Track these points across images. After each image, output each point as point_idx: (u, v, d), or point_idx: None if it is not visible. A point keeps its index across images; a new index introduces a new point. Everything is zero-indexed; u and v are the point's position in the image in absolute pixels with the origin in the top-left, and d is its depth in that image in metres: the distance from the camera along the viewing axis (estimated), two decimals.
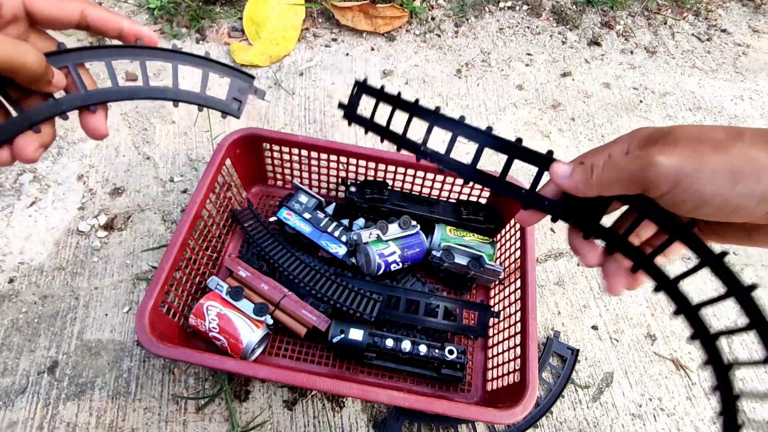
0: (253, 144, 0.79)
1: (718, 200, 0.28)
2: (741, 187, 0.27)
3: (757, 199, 0.28)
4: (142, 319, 0.58)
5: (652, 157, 0.29)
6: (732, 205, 0.28)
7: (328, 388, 0.56)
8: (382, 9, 1.15)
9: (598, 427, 0.71)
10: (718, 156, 0.28)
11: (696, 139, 0.29)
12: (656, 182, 0.29)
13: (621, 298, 0.83)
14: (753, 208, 0.28)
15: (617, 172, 0.31)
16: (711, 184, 0.28)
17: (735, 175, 0.27)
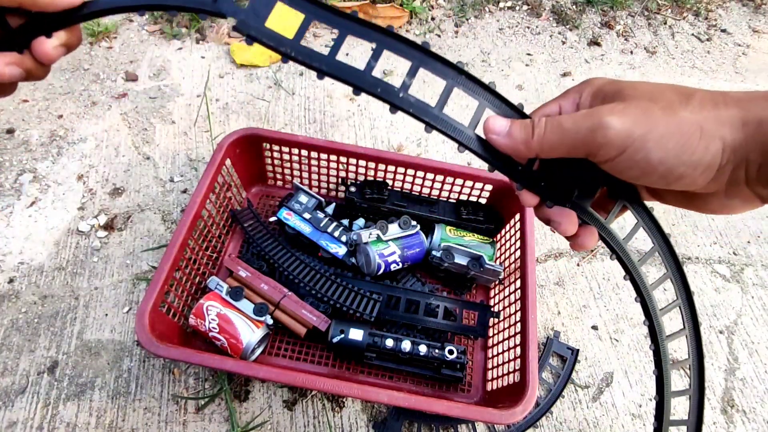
0: (253, 144, 0.79)
1: (662, 168, 0.27)
2: (687, 156, 0.26)
3: (702, 168, 0.27)
4: (142, 319, 0.58)
5: (602, 119, 0.27)
6: (676, 174, 0.27)
7: (328, 388, 0.56)
8: (382, 9, 1.15)
9: (598, 427, 0.71)
10: (667, 119, 0.27)
11: (648, 98, 0.28)
12: (605, 147, 0.27)
13: (621, 298, 0.83)
14: (696, 177, 0.27)
15: (561, 134, 0.29)
16: (658, 151, 0.27)
17: (683, 143, 0.26)
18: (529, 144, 0.30)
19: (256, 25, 0.30)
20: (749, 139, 0.26)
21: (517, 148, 0.30)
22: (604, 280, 0.85)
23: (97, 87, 1.00)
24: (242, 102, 1.00)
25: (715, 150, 0.26)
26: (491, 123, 0.31)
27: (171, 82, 1.02)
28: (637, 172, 0.28)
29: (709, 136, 0.26)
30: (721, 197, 0.29)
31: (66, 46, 0.32)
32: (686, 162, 0.27)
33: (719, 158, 0.27)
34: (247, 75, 1.05)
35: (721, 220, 0.94)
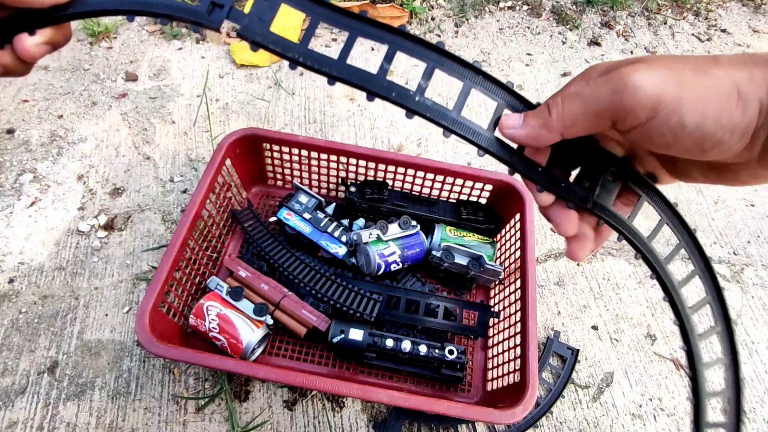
0: (253, 144, 0.79)
1: (698, 134, 0.24)
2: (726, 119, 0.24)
3: (740, 132, 0.24)
4: (142, 319, 0.58)
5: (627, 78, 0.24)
6: (713, 140, 0.24)
7: (328, 388, 0.56)
8: (382, 9, 1.15)
9: (598, 427, 0.71)
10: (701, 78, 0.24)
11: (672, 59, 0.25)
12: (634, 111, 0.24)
13: (621, 298, 0.83)
14: (733, 144, 0.25)
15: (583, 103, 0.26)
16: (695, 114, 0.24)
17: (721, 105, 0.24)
18: (549, 125, 0.27)
19: (261, 31, 0.28)
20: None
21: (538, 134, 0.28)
22: (604, 280, 0.85)
23: (97, 87, 1.00)
24: (242, 102, 1.00)
25: (753, 112, 0.24)
26: (505, 120, 0.30)
27: (171, 82, 1.02)
28: (669, 139, 0.25)
29: (745, 96, 0.24)
30: (753, 166, 0.27)
31: (51, 44, 0.31)
32: (725, 126, 0.24)
33: (756, 120, 0.24)
34: (247, 75, 1.05)
35: (722, 220, 0.94)
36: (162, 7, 0.29)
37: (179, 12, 0.29)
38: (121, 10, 0.30)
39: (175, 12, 0.29)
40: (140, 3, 0.29)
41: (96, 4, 0.30)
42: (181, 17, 0.29)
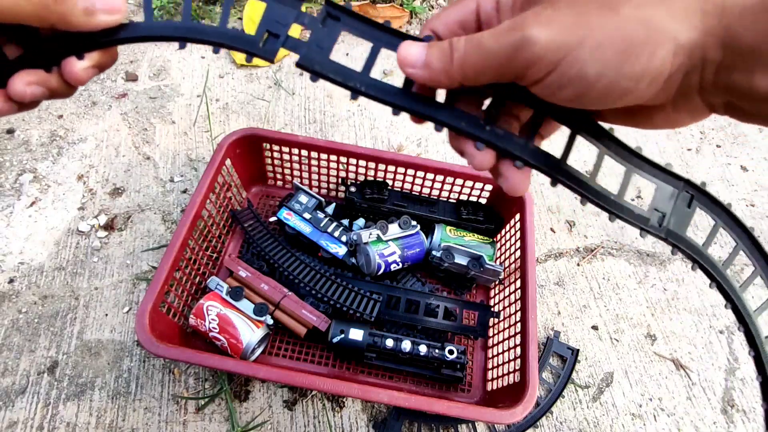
0: (253, 144, 0.79)
1: (601, 85, 0.22)
2: (630, 66, 0.21)
3: (648, 79, 0.22)
4: (142, 319, 0.58)
5: (525, 32, 0.22)
6: (617, 90, 0.22)
7: (328, 388, 0.56)
8: (382, 9, 1.15)
9: (598, 427, 0.71)
10: (605, 19, 0.21)
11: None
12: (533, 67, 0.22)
13: (621, 298, 0.83)
14: (642, 91, 0.23)
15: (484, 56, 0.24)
16: (595, 62, 0.21)
17: (625, 49, 0.21)
18: (449, 72, 0.25)
19: (320, 59, 0.27)
20: (708, 33, 0.21)
21: (437, 78, 0.25)
22: (604, 280, 0.85)
23: (97, 87, 1.00)
24: (242, 102, 1.00)
25: (664, 54, 0.21)
26: (405, 51, 0.26)
27: (171, 82, 1.02)
28: (571, 92, 0.23)
29: (656, 37, 0.21)
30: (667, 110, 0.25)
31: (98, 68, 0.30)
32: (629, 74, 0.22)
33: (669, 65, 0.22)
34: (247, 75, 1.05)
35: None
36: (216, 35, 0.28)
37: (233, 41, 0.28)
38: (174, 37, 0.29)
39: (229, 41, 0.28)
40: (194, 30, 0.29)
41: (148, 29, 0.29)
42: (234, 46, 0.28)
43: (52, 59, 0.29)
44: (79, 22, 0.27)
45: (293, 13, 0.28)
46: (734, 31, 0.21)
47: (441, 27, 0.28)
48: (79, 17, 0.26)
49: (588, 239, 0.89)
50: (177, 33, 0.29)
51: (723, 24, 0.21)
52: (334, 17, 0.28)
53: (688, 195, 0.28)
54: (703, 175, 1.00)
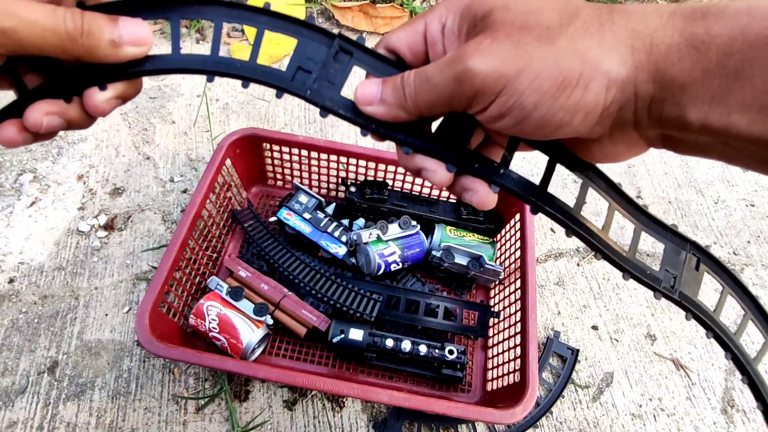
0: (253, 144, 0.79)
1: (537, 115, 0.23)
2: (565, 98, 0.22)
3: (583, 112, 0.22)
4: (142, 319, 0.58)
5: (465, 64, 0.22)
6: (554, 122, 0.23)
7: (328, 388, 0.56)
8: (382, 9, 1.15)
9: (598, 427, 0.71)
10: (542, 50, 0.22)
11: (521, 24, 0.23)
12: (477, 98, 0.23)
13: (621, 298, 0.83)
14: (576, 124, 0.23)
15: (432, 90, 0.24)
16: (533, 93, 0.22)
17: (561, 81, 0.22)
18: (405, 107, 0.26)
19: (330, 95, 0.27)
20: (639, 68, 0.22)
21: (396, 114, 0.26)
22: (604, 280, 0.85)
23: None
24: (242, 102, 1.00)
25: (598, 89, 0.22)
26: (361, 93, 0.27)
27: (171, 82, 1.02)
28: (511, 121, 0.24)
29: (590, 71, 0.22)
30: (605, 144, 0.26)
31: (121, 98, 0.29)
32: (565, 106, 0.22)
33: (602, 99, 0.22)
34: None
35: (722, 220, 0.94)
36: (246, 70, 0.28)
37: (263, 76, 0.28)
38: (203, 70, 0.28)
39: (259, 76, 0.28)
40: (223, 65, 0.28)
41: (176, 61, 0.28)
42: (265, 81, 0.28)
43: (73, 89, 0.28)
44: (106, 54, 0.26)
45: (324, 50, 0.27)
46: (662, 67, 0.22)
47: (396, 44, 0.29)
48: (107, 50, 0.26)
49: None
50: (205, 66, 0.28)
51: (652, 60, 0.22)
52: (347, 52, 0.28)
53: (695, 257, 0.29)
54: (704, 175, 1.00)
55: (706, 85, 0.21)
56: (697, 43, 0.21)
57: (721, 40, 0.20)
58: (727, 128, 0.21)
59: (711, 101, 0.21)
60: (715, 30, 0.21)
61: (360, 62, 0.28)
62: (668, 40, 0.21)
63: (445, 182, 0.28)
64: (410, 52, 0.29)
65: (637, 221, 0.28)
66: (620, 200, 0.28)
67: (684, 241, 0.29)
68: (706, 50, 0.21)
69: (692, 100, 0.21)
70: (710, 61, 0.21)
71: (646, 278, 0.28)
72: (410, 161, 0.28)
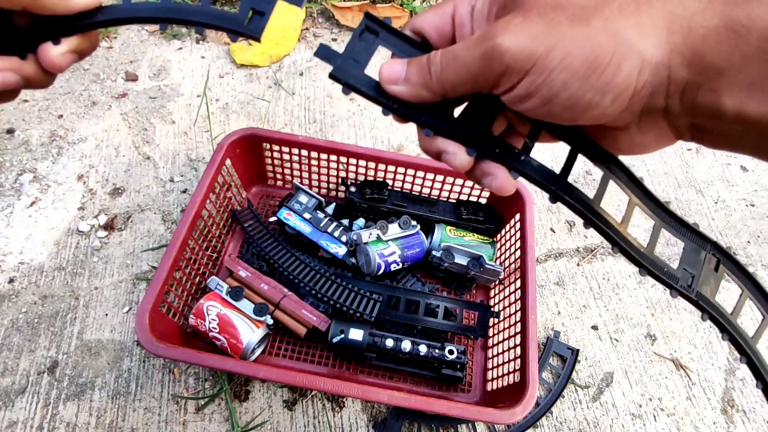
0: (253, 144, 0.79)
1: (566, 95, 0.22)
2: (596, 78, 0.21)
3: (613, 94, 0.22)
4: (142, 319, 0.58)
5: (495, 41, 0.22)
6: (582, 102, 0.22)
7: (328, 388, 0.56)
8: (382, 9, 1.15)
9: (598, 427, 0.71)
10: (575, 30, 0.21)
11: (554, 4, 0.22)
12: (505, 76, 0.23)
13: (621, 298, 0.83)
14: (605, 107, 0.22)
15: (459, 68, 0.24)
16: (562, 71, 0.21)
17: (592, 60, 0.21)
18: (429, 86, 0.25)
19: (355, 73, 0.27)
20: (674, 51, 0.21)
21: (419, 94, 0.26)
22: (604, 280, 0.85)
23: (97, 87, 1.00)
24: (242, 102, 1.00)
25: (630, 69, 0.21)
26: (386, 71, 0.26)
27: (171, 82, 1.02)
28: (538, 102, 0.23)
29: (623, 51, 0.21)
30: (633, 132, 0.25)
31: (77, 53, 0.28)
32: (594, 86, 0.21)
33: (634, 80, 0.22)
34: (247, 75, 1.05)
35: (722, 220, 0.94)
36: (198, 14, 0.27)
37: (217, 20, 0.27)
38: (155, 18, 0.28)
39: (212, 20, 0.27)
40: (175, 11, 0.27)
41: (128, 11, 0.28)
42: (218, 26, 0.27)
43: (27, 46, 0.27)
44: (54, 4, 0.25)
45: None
46: (700, 51, 0.21)
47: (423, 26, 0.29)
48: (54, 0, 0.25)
49: (588, 239, 0.89)
50: (158, 14, 0.27)
51: (688, 43, 0.21)
52: (373, 31, 0.27)
53: (715, 258, 0.28)
54: (704, 175, 1.00)
55: (744, 71, 0.20)
56: (737, 27, 0.20)
57: (762, 24, 0.20)
58: (765, 117, 0.20)
59: (749, 88, 0.20)
60: (756, 14, 0.20)
61: (385, 42, 0.28)
62: (707, 24, 0.21)
63: (466, 166, 0.28)
64: (437, 34, 0.28)
65: (658, 218, 0.27)
66: (642, 195, 0.28)
67: (705, 240, 0.28)
68: (746, 34, 0.20)
69: (729, 86, 0.21)
70: (750, 46, 0.20)
71: (663, 275, 0.27)
72: (431, 144, 0.28)
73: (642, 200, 0.28)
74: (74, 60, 0.29)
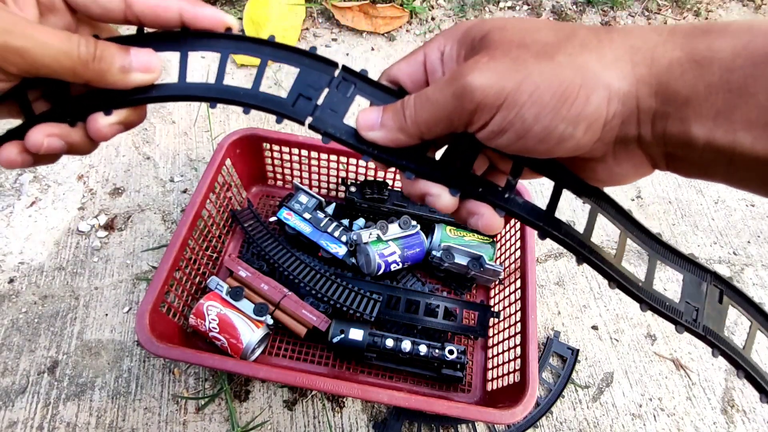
0: (253, 144, 0.79)
1: (539, 128, 0.23)
2: (566, 109, 0.22)
3: (585, 124, 0.22)
4: (142, 319, 0.58)
5: (464, 79, 0.23)
6: (556, 134, 0.23)
7: (328, 388, 0.56)
8: (382, 9, 1.15)
9: (598, 427, 0.71)
10: (541, 65, 0.22)
11: (518, 43, 0.23)
12: (477, 113, 0.23)
13: (621, 298, 0.83)
14: (579, 138, 0.23)
15: (432, 109, 0.25)
16: (533, 105, 0.22)
17: (561, 92, 0.22)
18: (405, 130, 0.26)
19: (333, 122, 0.28)
20: (640, 82, 0.22)
21: (396, 138, 0.26)
22: (604, 280, 0.85)
23: None
24: None
25: (599, 101, 0.22)
26: (362, 119, 0.27)
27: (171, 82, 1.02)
28: (512, 137, 0.23)
29: (590, 83, 0.22)
30: (610, 162, 0.25)
31: (124, 125, 0.29)
32: (566, 117, 0.22)
33: (604, 110, 0.22)
34: (247, 75, 1.05)
35: (722, 220, 0.94)
36: (248, 98, 0.29)
37: (265, 103, 0.29)
38: (207, 97, 0.29)
39: (261, 103, 0.29)
40: (226, 92, 0.29)
41: (181, 89, 0.29)
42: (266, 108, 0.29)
43: (78, 114, 0.28)
44: (115, 79, 0.27)
45: (326, 78, 0.28)
46: (665, 81, 0.22)
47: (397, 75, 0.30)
48: (116, 75, 0.27)
49: None
50: (209, 94, 0.29)
51: (653, 74, 0.22)
52: (350, 81, 0.29)
53: (717, 289, 0.28)
54: None
55: (709, 101, 0.21)
56: (699, 58, 0.21)
57: (723, 55, 0.20)
58: (732, 146, 0.21)
59: (715, 117, 0.21)
60: (717, 46, 0.21)
61: (362, 92, 0.29)
62: (669, 55, 0.22)
63: (450, 207, 0.28)
64: (411, 82, 0.29)
65: (651, 249, 0.27)
66: (632, 227, 0.28)
67: (704, 271, 0.28)
68: (708, 65, 0.21)
69: (696, 115, 0.21)
70: (713, 76, 0.21)
71: (665, 310, 0.27)
72: (413, 187, 0.28)
73: (632, 232, 0.28)
74: (121, 131, 0.29)
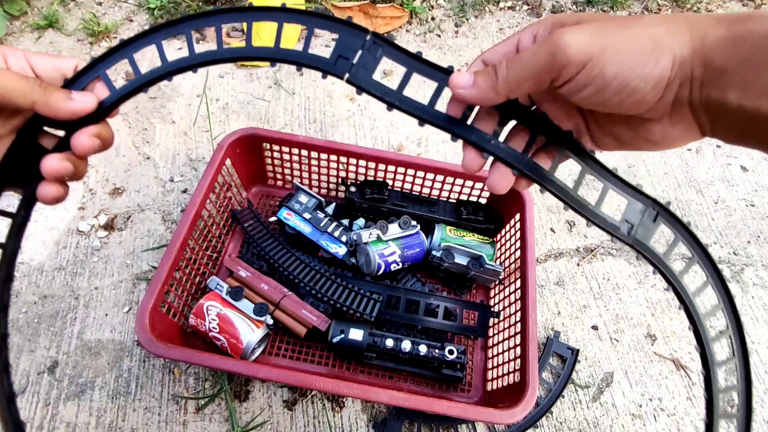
0: (253, 144, 0.79)
1: (617, 83, 0.28)
2: (641, 68, 0.27)
3: (653, 82, 0.28)
4: (142, 319, 0.58)
5: (559, 39, 0.28)
6: (629, 88, 0.28)
7: (328, 388, 0.56)
8: (382, 9, 1.15)
9: (598, 427, 0.71)
10: (620, 33, 0.28)
11: (602, 18, 0.29)
12: (566, 67, 0.28)
13: (621, 298, 0.83)
14: (646, 94, 0.28)
15: (524, 66, 0.29)
16: (614, 64, 0.27)
17: (637, 55, 0.27)
18: (496, 87, 0.30)
19: (365, 78, 0.33)
20: (695, 53, 0.27)
21: (486, 95, 0.31)
22: (604, 280, 0.85)
23: None
24: (242, 102, 1.00)
25: (666, 63, 0.27)
26: (456, 78, 0.32)
27: (171, 82, 1.02)
28: (592, 90, 0.28)
29: (660, 49, 0.27)
30: (665, 123, 0.30)
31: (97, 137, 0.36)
32: (639, 75, 0.27)
33: (669, 71, 0.27)
34: (247, 75, 1.05)
35: (722, 220, 0.94)
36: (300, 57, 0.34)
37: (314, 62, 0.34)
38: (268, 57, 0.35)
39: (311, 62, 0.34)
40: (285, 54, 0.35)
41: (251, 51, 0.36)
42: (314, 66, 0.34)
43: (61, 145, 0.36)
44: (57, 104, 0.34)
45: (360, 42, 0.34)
46: (710, 54, 0.27)
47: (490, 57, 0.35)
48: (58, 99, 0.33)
49: (588, 239, 0.89)
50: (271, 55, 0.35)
51: (703, 47, 0.27)
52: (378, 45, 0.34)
53: (654, 212, 0.34)
54: (704, 175, 1.00)
55: (740, 73, 0.26)
56: (737, 36, 0.26)
57: (755, 36, 0.26)
58: (756, 111, 0.26)
59: (744, 86, 0.26)
60: (752, 28, 0.26)
61: (388, 54, 0.34)
62: (716, 34, 0.27)
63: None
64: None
65: (606, 181, 0.34)
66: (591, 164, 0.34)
67: (646, 198, 0.34)
68: (743, 43, 0.26)
69: (731, 84, 0.26)
70: (746, 52, 0.26)
71: (606, 226, 0.34)
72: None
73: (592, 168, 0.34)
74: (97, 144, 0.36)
